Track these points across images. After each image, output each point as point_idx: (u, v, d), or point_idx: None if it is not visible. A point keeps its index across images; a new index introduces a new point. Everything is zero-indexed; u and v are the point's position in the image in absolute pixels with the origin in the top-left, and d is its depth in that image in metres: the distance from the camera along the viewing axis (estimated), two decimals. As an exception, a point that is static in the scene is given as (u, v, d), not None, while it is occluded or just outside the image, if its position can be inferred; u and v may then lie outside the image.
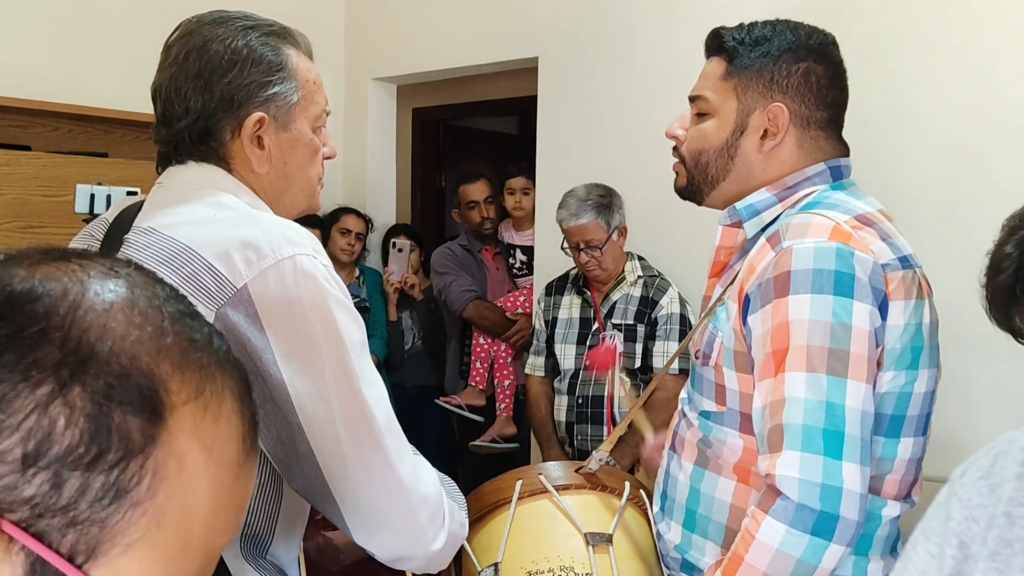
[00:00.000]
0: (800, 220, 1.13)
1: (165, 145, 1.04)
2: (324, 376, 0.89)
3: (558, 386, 2.64)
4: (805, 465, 1.03)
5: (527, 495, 1.29)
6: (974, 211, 2.11)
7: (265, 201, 1.04)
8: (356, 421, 0.91)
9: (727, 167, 1.25)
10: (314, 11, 3.63)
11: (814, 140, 1.22)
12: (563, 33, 2.98)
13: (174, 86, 1.01)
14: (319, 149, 1.10)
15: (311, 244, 0.93)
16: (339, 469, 0.91)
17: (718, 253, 1.31)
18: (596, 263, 2.51)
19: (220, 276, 0.88)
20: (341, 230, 3.41)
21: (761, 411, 1.10)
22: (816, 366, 1.05)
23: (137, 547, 0.42)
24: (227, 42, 1.00)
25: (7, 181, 2.61)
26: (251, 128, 1.01)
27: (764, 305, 1.11)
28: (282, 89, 1.03)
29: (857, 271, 1.07)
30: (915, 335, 1.12)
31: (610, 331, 2.53)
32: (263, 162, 1.03)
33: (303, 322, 0.89)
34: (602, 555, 1.21)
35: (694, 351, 1.28)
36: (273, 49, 1.03)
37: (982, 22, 2.11)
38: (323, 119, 1.10)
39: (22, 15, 2.80)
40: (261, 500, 0.98)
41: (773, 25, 1.23)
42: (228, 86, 1.00)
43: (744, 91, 1.22)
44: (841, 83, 1.24)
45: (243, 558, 0.97)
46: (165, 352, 0.44)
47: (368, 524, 0.93)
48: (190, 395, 0.44)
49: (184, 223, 0.94)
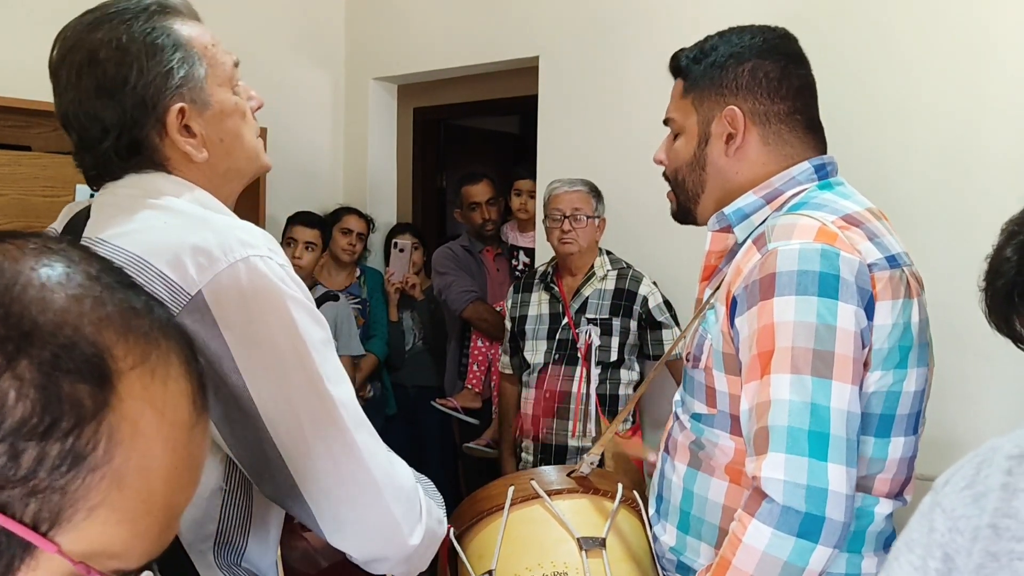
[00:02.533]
0: (786, 221, 1.13)
1: (94, 168, 0.99)
2: (286, 378, 0.88)
3: (526, 379, 2.67)
4: (790, 467, 1.03)
5: (519, 501, 1.28)
6: (972, 210, 2.10)
7: (211, 185, 1.00)
8: (323, 420, 0.89)
9: (701, 178, 1.27)
10: (315, 11, 3.63)
11: (777, 135, 1.23)
12: (563, 33, 2.98)
13: (82, 110, 0.95)
14: (246, 109, 1.05)
15: (265, 244, 0.91)
16: (308, 470, 0.89)
17: (708, 258, 1.32)
18: (575, 237, 2.54)
19: (173, 285, 0.86)
20: (342, 230, 3.41)
21: (748, 413, 1.10)
22: (801, 367, 1.05)
23: (100, 510, 0.43)
24: (112, 45, 0.94)
25: (7, 181, 2.62)
26: (175, 122, 0.97)
27: (750, 307, 1.10)
28: (186, 70, 0.97)
29: (842, 272, 1.07)
30: (903, 334, 1.12)
31: (584, 326, 2.55)
32: (200, 149, 0.99)
33: (261, 325, 0.87)
34: (595, 559, 1.21)
35: (685, 353, 1.28)
36: (160, 31, 0.96)
37: (980, 21, 2.11)
38: (235, 73, 1.04)
39: (22, 15, 2.80)
40: (232, 507, 0.96)
41: (721, 35, 1.25)
42: (134, 91, 0.94)
43: (700, 103, 1.25)
44: (796, 73, 1.23)
45: (217, 566, 0.95)
46: (107, 321, 0.45)
47: (342, 524, 0.92)
48: (136, 360, 0.45)
49: (133, 231, 0.91)
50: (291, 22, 3.52)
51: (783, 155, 1.23)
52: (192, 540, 0.94)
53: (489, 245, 3.45)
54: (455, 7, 3.34)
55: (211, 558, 0.95)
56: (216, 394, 0.87)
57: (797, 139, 1.24)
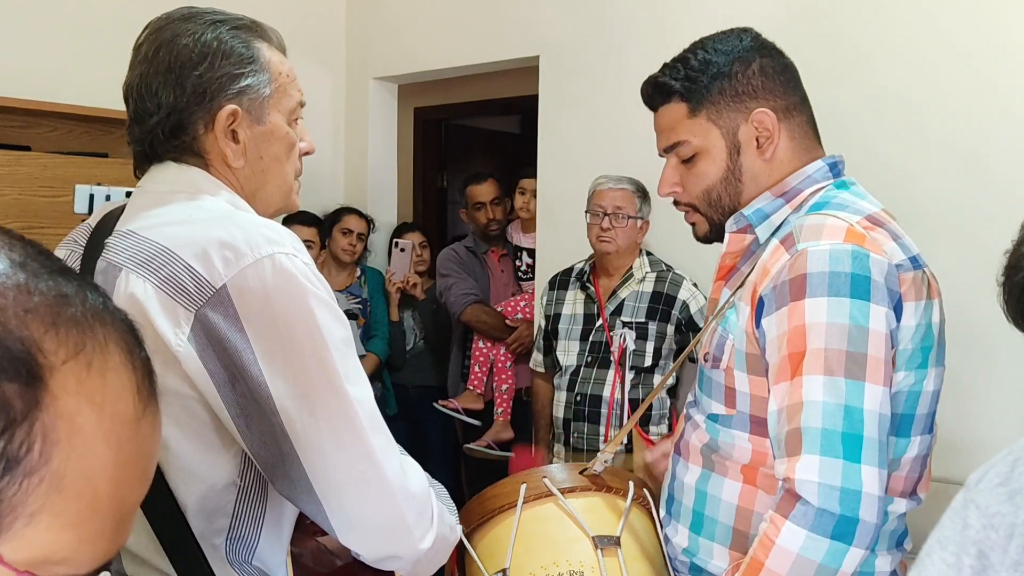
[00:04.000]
0: (814, 222, 1.13)
1: (140, 143, 1.03)
2: (305, 375, 0.88)
3: (558, 382, 2.60)
4: (824, 469, 1.02)
5: (532, 499, 1.27)
6: (977, 211, 2.10)
7: (242, 196, 1.03)
8: (339, 420, 0.90)
9: (738, 189, 1.24)
10: (315, 10, 3.62)
11: (800, 126, 1.23)
12: (564, 32, 2.98)
13: (144, 83, 1.00)
14: (295, 143, 1.08)
15: (291, 243, 0.93)
16: (323, 469, 0.90)
17: (724, 258, 1.31)
18: (613, 236, 2.47)
19: (199, 276, 0.87)
20: (343, 230, 3.40)
21: (777, 414, 1.09)
22: (834, 369, 1.04)
23: (41, 516, 0.41)
24: (196, 36, 1.00)
25: (7, 181, 2.60)
26: (224, 121, 1.00)
27: (779, 308, 1.10)
28: (254, 82, 1.02)
29: (873, 273, 1.07)
30: (925, 335, 1.12)
31: (619, 329, 2.48)
32: (238, 156, 1.02)
33: (283, 321, 0.88)
34: (611, 558, 1.20)
35: (702, 354, 1.27)
36: (243, 42, 1.02)
37: (990, 16, 2.10)
38: (298, 112, 1.09)
39: (22, 16, 2.79)
40: (246, 502, 0.97)
41: (700, 47, 1.23)
42: (199, 79, 0.99)
43: (719, 116, 1.22)
44: (787, 64, 1.24)
45: (228, 563, 0.96)
46: (33, 312, 0.41)
47: (353, 524, 0.92)
48: (69, 353, 0.42)
49: (162, 224, 0.94)
50: (291, 22, 3.50)
51: (805, 148, 1.23)
52: (204, 531, 0.95)
53: (494, 246, 3.44)
54: (456, 7, 3.33)
55: (223, 553, 0.96)
56: (234, 388, 0.88)
57: (811, 129, 1.24)
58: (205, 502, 0.94)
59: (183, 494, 0.93)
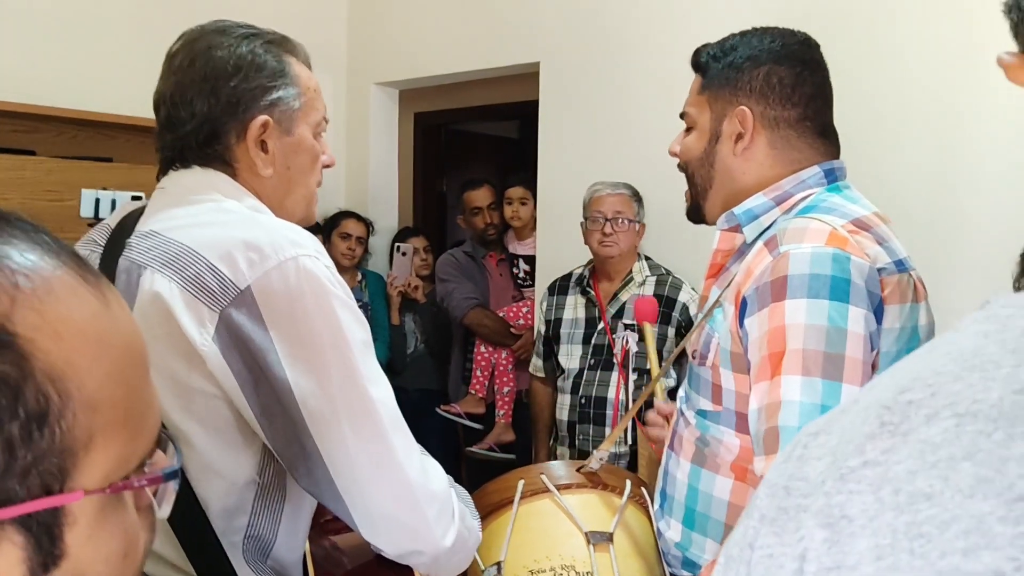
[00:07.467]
0: (797, 224, 1.15)
1: (170, 150, 1.05)
2: (328, 375, 0.90)
3: (561, 385, 2.63)
4: None
5: (529, 494, 1.30)
6: (965, 215, 2.11)
7: (267, 205, 1.06)
8: (361, 419, 0.92)
9: (710, 175, 1.30)
10: (316, 16, 3.65)
11: (785, 140, 1.24)
12: (564, 38, 3.00)
13: (179, 91, 1.03)
14: (319, 156, 1.12)
15: (313, 245, 0.95)
16: (345, 467, 0.92)
17: (715, 256, 1.33)
18: (615, 240, 2.51)
19: (223, 277, 0.89)
20: (341, 234, 3.42)
21: (757, 413, 1.11)
22: (811, 369, 1.05)
23: (95, 438, 0.43)
24: (231, 48, 1.03)
25: (12, 186, 2.63)
26: (256, 132, 1.03)
27: (761, 309, 1.12)
28: (285, 95, 1.06)
29: (853, 276, 1.08)
30: (910, 338, 1.13)
31: (621, 332, 2.51)
32: (267, 165, 1.05)
33: (306, 322, 0.90)
34: (602, 554, 1.22)
35: (691, 351, 1.29)
36: (275, 56, 1.06)
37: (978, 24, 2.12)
38: (323, 126, 1.13)
39: (27, 21, 2.82)
40: (264, 501, 0.99)
41: (743, 35, 1.27)
42: (234, 90, 1.02)
43: (715, 101, 1.27)
44: (810, 80, 1.25)
45: (244, 561, 0.98)
46: None
47: (376, 522, 0.94)
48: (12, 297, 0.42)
49: (186, 226, 0.96)
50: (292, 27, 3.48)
51: (790, 160, 1.25)
52: (224, 529, 0.96)
53: (492, 250, 3.46)
54: (456, 13, 3.36)
55: (241, 551, 0.97)
56: (258, 387, 0.90)
57: (806, 145, 1.25)
58: (226, 500, 0.96)
59: (205, 491, 0.95)
